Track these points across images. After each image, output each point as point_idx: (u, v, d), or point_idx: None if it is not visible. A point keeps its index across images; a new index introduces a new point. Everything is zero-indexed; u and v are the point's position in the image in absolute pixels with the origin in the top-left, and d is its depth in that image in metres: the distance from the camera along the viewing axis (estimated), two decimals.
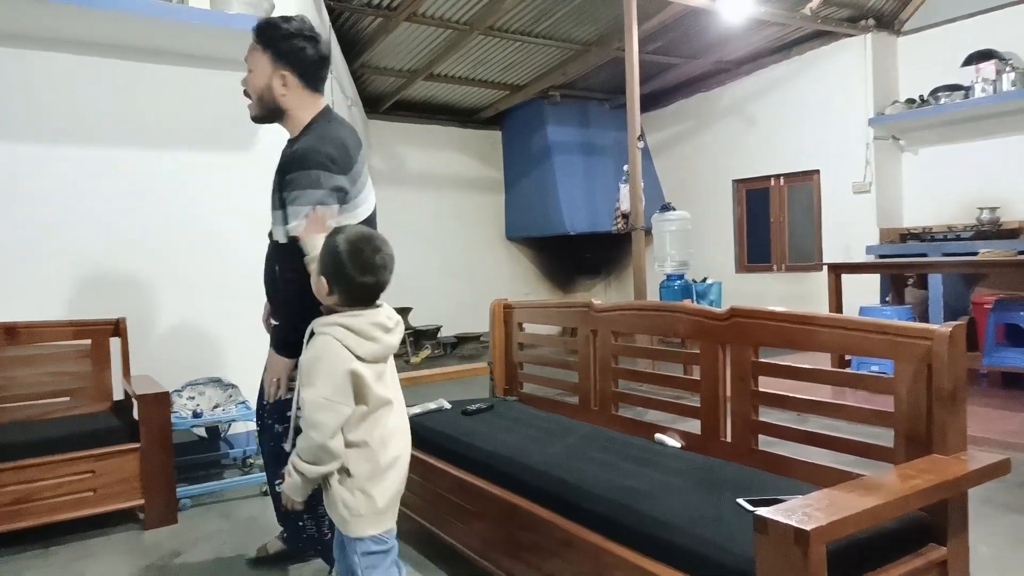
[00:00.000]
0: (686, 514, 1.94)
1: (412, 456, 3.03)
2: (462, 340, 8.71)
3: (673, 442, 2.67)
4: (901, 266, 6.31)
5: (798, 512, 1.54)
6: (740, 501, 2.00)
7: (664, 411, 2.81)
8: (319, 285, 1.90)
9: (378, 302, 1.96)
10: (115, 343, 3.77)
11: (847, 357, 5.37)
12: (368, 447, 1.90)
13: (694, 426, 2.64)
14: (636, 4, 6.06)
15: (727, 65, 8.75)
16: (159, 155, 4.07)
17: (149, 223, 4.02)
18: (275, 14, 3.85)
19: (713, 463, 2.38)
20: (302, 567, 2.82)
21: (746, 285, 8.75)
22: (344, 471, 1.89)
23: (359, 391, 1.87)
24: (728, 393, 2.50)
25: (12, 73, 3.72)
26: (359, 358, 1.85)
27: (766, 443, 2.42)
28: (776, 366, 2.39)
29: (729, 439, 2.50)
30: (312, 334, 1.91)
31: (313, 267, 1.97)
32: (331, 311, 1.92)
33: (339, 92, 6.29)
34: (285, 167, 2.37)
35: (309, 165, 2.30)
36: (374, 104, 8.94)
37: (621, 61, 7.61)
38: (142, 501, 3.27)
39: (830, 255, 7.82)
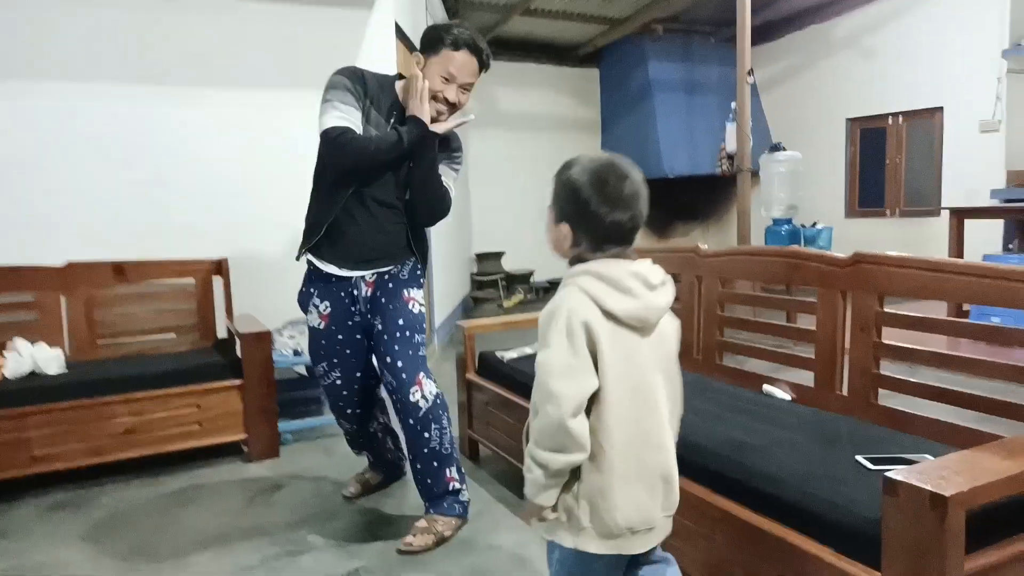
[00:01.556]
0: (800, 470, 1.81)
1: (505, 399, 3.01)
2: (554, 285, 8.62)
3: (783, 394, 2.52)
4: None
5: (934, 475, 1.40)
6: (859, 458, 1.86)
7: (773, 361, 2.65)
8: (559, 234, 1.47)
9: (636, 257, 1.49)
10: (218, 283, 3.86)
11: (965, 307, 5.02)
12: (600, 448, 1.41)
13: (805, 378, 2.49)
14: None
15: None
16: (264, 95, 4.06)
17: (253, 164, 4.05)
18: None
19: (827, 417, 2.23)
20: (400, 502, 2.85)
21: (856, 230, 8.27)
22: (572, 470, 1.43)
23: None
24: (847, 344, 2.32)
25: (113, 19, 3.78)
26: (607, 314, 1.38)
27: (884, 397, 2.25)
28: (905, 317, 2.19)
29: (845, 392, 2.33)
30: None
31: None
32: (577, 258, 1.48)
33: None
34: (456, 145, 2.63)
35: None
36: None
37: None
38: (245, 435, 3.36)
39: (950, 200, 7.26)
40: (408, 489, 2.96)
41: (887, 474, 1.42)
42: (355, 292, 2.58)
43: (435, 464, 2.52)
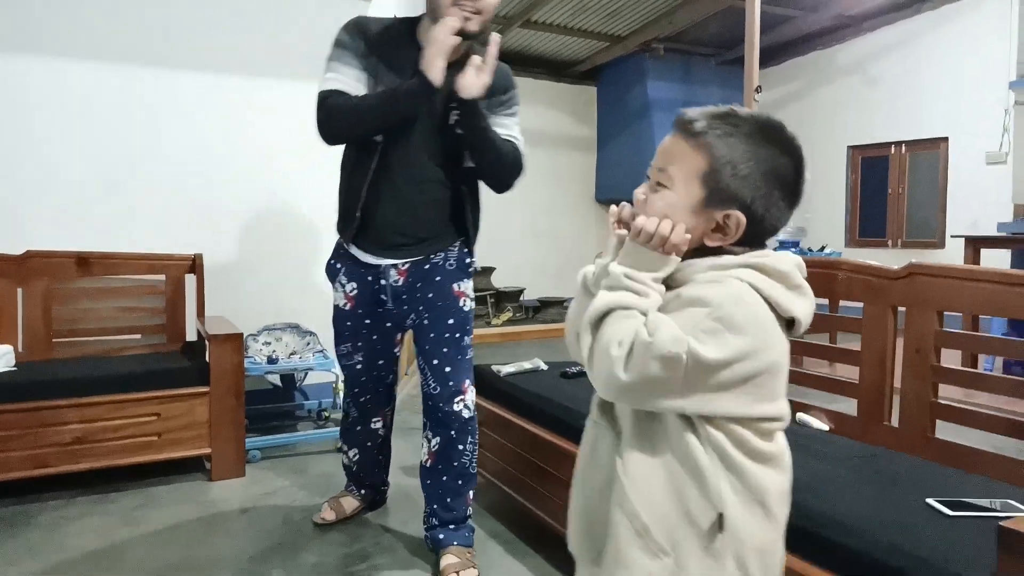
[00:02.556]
0: (862, 513, 1.53)
1: (501, 418, 2.72)
2: (544, 304, 8.34)
3: (820, 424, 2.24)
4: None
5: None
6: (931, 502, 1.57)
7: (808, 387, 2.36)
8: (705, 223, 1.06)
9: None
10: (190, 281, 3.54)
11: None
12: (767, 495, 1.05)
13: (846, 406, 2.21)
14: None
15: (849, 20, 8.00)
16: (249, 84, 3.78)
17: (234, 156, 3.75)
18: None
19: (877, 452, 1.95)
20: (379, 533, 2.52)
21: (857, 259, 8.05)
22: (707, 523, 1.02)
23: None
24: (898, 368, 2.05)
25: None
26: (786, 321, 1.04)
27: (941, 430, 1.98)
28: (972, 337, 1.92)
29: (896, 423, 2.05)
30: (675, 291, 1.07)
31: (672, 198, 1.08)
32: (702, 254, 1.07)
33: None
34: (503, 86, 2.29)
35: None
36: None
37: (732, 12, 7.03)
38: (209, 450, 3.02)
39: (954, 231, 7.08)
40: (389, 518, 2.65)
41: (1003, 524, 1.14)
42: (383, 280, 2.27)
43: (460, 483, 2.28)
